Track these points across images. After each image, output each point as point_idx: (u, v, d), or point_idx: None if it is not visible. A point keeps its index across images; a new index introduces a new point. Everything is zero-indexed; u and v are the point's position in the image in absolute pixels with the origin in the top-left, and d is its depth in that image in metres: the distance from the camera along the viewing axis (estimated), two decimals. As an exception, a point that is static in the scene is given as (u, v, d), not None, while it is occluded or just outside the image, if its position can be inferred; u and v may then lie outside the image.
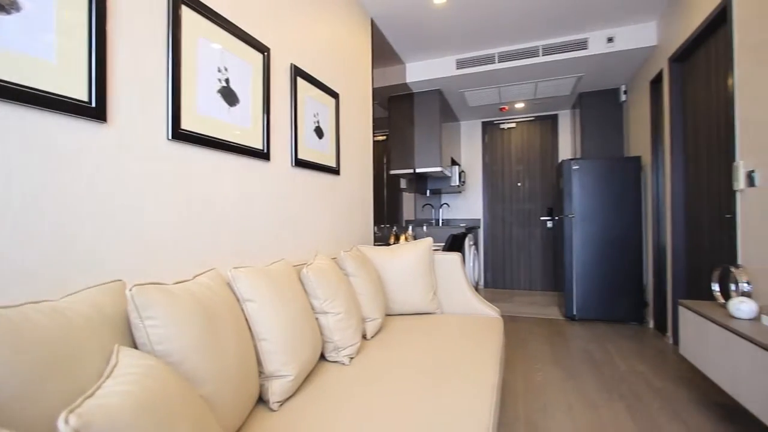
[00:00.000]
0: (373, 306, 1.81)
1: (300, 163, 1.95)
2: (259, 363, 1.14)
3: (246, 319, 1.14)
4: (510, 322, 3.67)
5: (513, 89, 4.21)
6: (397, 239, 3.75)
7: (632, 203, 3.56)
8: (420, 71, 3.90)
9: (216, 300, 0.99)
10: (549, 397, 2.09)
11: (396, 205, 4.77)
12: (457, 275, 2.31)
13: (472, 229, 4.86)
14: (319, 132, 2.15)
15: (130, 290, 0.82)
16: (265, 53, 1.68)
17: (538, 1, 2.83)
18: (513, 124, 5.39)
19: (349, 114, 2.56)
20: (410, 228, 3.96)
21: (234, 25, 1.50)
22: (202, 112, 1.35)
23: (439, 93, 4.14)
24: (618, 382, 2.27)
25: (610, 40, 3.25)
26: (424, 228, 4.33)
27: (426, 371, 1.36)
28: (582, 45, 3.33)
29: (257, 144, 1.64)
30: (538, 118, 5.26)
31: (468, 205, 5.59)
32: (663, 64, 3.02)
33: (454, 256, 2.33)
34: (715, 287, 1.93)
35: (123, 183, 1.08)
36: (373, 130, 3.05)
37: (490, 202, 5.49)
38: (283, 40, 1.86)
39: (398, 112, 4.32)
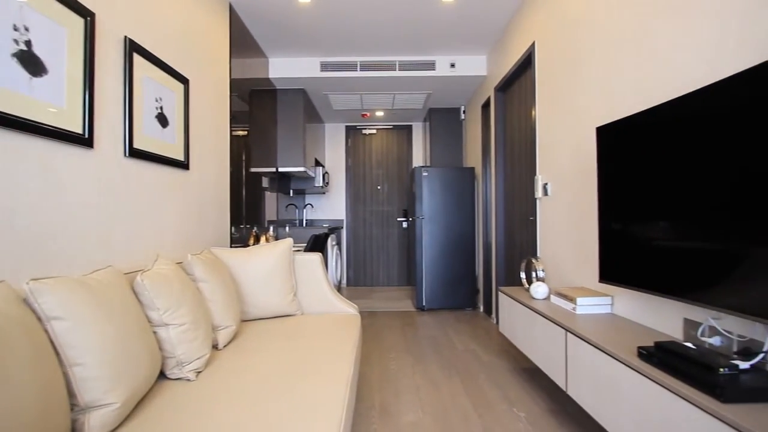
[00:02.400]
0: (226, 313, 1.68)
1: (136, 154, 1.68)
2: (71, 394, 0.94)
3: (52, 342, 0.93)
4: (369, 317, 3.88)
5: (374, 98, 4.47)
6: (257, 240, 3.57)
7: (468, 206, 4.18)
8: (284, 68, 3.80)
9: None
10: (401, 383, 2.29)
11: (257, 204, 4.53)
12: (317, 275, 2.33)
13: (335, 229, 4.97)
14: (162, 120, 1.90)
15: None
16: (88, 18, 1.40)
17: (395, 22, 3.08)
18: (374, 131, 5.72)
19: (202, 103, 2.33)
20: (272, 228, 3.82)
21: (41, -23, 1.21)
22: (-12, 81, 1.05)
23: (303, 93, 4.11)
24: (455, 361, 2.63)
25: (452, 65, 3.75)
26: (287, 228, 4.24)
27: (281, 374, 1.34)
28: (431, 66, 3.76)
29: (74, 126, 1.35)
30: (395, 127, 5.70)
31: (332, 206, 5.69)
32: (490, 92, 3.63)
33: (315, 257, 2.34)
34: (522, 275, 2.42)
35: None
36: (233, 124, 2.84)
37: (353, 204, 5.71)
38: (116, 8, 1.58)
39: (260, 107, 4.12)
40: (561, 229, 2.28)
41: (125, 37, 1.63)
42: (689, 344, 1.20)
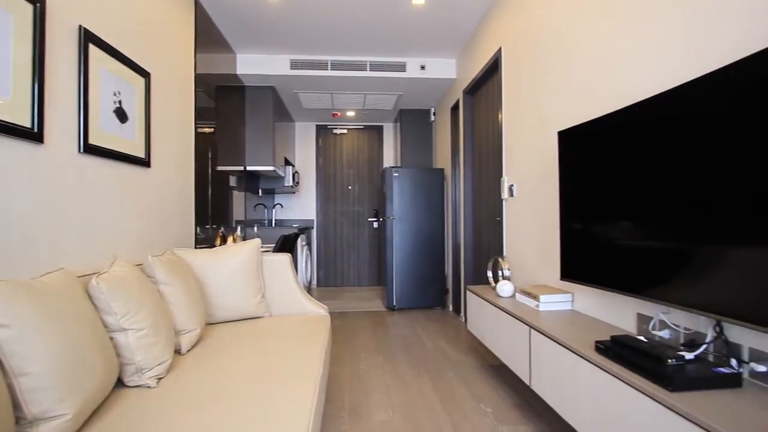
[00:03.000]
0: (189, 316, 1.63)
1: (92, 150, 1.59)
2: (17, 406, 0.88)
3: (-5, 351, 0.86)
4: (339, 317, 3.86)
5: (344, 97, 4.45)
6: (224, 241, 3.48)
7: (437, 207, 4.24)
8: (253, 64, 3.71)
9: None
10: (371, 383, 2.29)
11: (224, 204, 4.41)
12: (286, 276, 2.29)
13: (305, 229, 4.91)
14: (121, 114, 1.81)
15: None
16: (38, 4, 1.32)
17: (367, 22, 3.08)
18: (345, 130, 5.69)
19: (165, 98, 2.24)
20: (239, 229, 3.73)
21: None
22: None
23: (273, 90, 4.03)
24: (425, 360, 2.66)
25: (423, 67, 3.79)
26: (255, 229, 4.15)
27: (248, 378, 1.31)
28: (401, 67, 3.78)
29: (22, 120, 1.26)
30: (366, 127, 5.70)
31: (302, 206, 5.62)
32: (459, 95, 3.70)
33: (284, 257, 2.31)
34: (489, 274, 2.48)
35: None
36: (198, 120, 2.75)
37: (324, 203, 5.66)
38: (68, -4, 1.49)
39: (227, 104, 4.00)
40: (526, 229, 2.36)
41: (80, 26, 1.54)
42: (641, 338, 1.28)
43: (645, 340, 1.25)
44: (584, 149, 1.58)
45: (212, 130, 4.15)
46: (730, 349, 1.12)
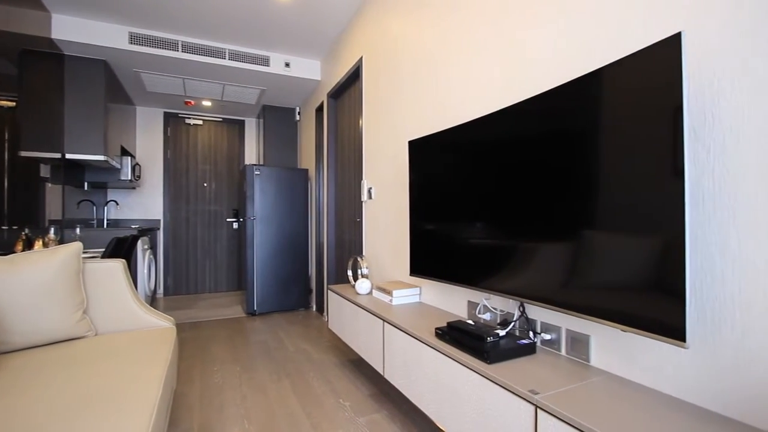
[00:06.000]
0: (-34, 346, 1.24)
1: None
2: None
3: None
4: (191, 328, 3.48)
5: (200, 85, 4.03)
6: (29, 245, 2.78)
7: (301, 207, 4.21)
8: (76, 30, 3.06)
9: None
10: (225, 395, 2.13)
11: (32, 199, 3.50)
12: (119, 286, 1.96)
13: (148, 230, 4.27)
14: None
15: None
16: None
17: (227, 7, 2.86)
18: (200, 121, 5.16)
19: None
20: (53, 230, 3.02)
21: None
22: None
23: (105, 65, 3.39)
24: (286, 363, 2.61)
25: (287, 64, 3.71)
26: (78, 230, 3.43)
27: (60, 414, 1.07)
28: (265, 61, 3.63)
29: None
30: (226, 120, 5.28)
31: (145, 204, 4.87)
32: (324, 98, 3.75)
33: (115, 264, 1.96)
34: (349, 273, 2.58)
35: None
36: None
37: (173, 202, 5.02)
38: None
39: (37, 74, 3.20)
40: (383, 229, 2.53)
41: None
42: (470, 321, 1.51)
43: (472, 323, 1.48)
44: (427, 159, 1.79)
45: (13, 103, 3.25)
46: (530, 324, 1.42)
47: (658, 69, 0.91)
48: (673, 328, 0.87)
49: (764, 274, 0.85)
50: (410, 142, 1.91)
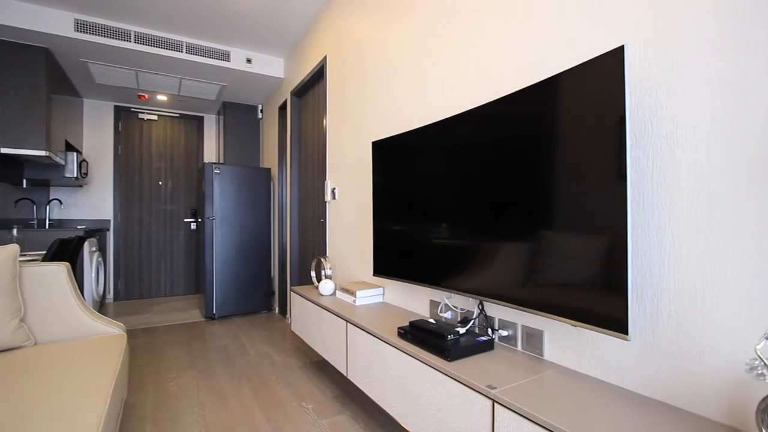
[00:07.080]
0: None
1: None
2: None
3: None
4: (145, 334, 3.30)
5: (154, 78, 3.83)
6: (-46, 250, 2.52)
7: (263, 207, 4.11)
8: (12, 12, 2.82)
9: None
10: (182, 404, 2.04)
11: (-42, 198, 3.18)
12: (62, 291, 1.82)
13: (97, 231, 4.01)
14: None
15: None
16: None
17: (182, -4, 2.74)
18: (155, 116, 4.91)
19: None
20: (-15, 232, 2.76)
21: None
22: None
23: (47, 53, 3.14)
24: (247, 368, 2.54)
25: (249, 60, 3.61)
26: (15, 231, 3.16)
27: (-10, 432, 0.98)
28: (225, 56, 3.51)
29: None
30: (183, 116, 5.05)
31: (93, 204, 4.57)
32: (287, 96, 3.68)
33: (58, 268, 1.83)
34: (313, 273, 2.55)
35: None
36: None
37: (125, 201, 4.74)
38: None
39: (-35, 60, 2.92)
40: (346, 229, 2.52)
41: None
42: (432, 320, 1.54)
43: (434, 321, 1.51)
44: (390, 160, 1.80)
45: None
46: (488, 322, 1.47)
47: (603, 78, 0.97)
48: (616, 322, 0.93)
49: (695, 270, 0.92)
50: (374, 143, 1.92)
